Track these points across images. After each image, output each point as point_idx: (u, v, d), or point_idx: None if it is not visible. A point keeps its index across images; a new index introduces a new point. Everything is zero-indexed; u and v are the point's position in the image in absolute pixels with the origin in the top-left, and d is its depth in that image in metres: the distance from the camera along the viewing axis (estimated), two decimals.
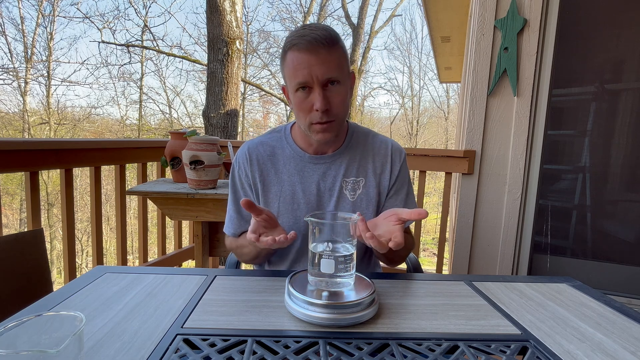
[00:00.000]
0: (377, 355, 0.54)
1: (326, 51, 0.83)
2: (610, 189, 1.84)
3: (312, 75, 0.83)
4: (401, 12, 23.44)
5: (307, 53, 0.82)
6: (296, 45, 0.83)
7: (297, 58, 0.83)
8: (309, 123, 0.88)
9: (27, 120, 11.11)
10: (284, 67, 0.87)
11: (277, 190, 0.97)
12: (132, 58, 12.32)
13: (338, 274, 0.65)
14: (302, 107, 0.87)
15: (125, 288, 0.72)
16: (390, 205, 1.00)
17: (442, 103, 16.62)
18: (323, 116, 0.85)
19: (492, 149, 1.86)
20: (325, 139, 0.89)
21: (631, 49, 1.76)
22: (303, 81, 0.83)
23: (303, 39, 0.82)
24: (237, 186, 1.00)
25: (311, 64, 0.82)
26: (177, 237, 2.50)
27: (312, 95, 0.85)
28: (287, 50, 0.85)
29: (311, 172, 0.97)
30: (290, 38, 0.85)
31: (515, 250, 1.87)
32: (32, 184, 1.57)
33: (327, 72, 0.83)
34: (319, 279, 0.66)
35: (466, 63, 2.89)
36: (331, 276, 0.65)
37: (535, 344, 0.58)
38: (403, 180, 1.02)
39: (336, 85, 0.86)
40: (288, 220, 0.96)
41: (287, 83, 0.89)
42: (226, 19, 4.19)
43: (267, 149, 0.99)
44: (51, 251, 9.58)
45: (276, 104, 15.08)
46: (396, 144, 1.04)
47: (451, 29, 4.39)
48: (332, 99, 0.86)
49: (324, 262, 0.65)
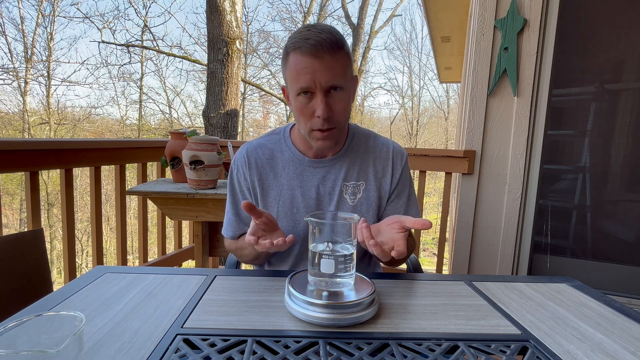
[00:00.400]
0: (377, 355, 0.54)
1: (331, 56, 0.80)
2: (610, 189, 1.84)
3: (315, 81, 0.80)
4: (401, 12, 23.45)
5: (311, 57, 0.79)
6: (300, 49, 0.80)
7: (300, 62, 0.80)
8: (309, 129, 0.86)
9: (27, 120, 11.11)
10: (286, 69, 0.85)
11: (276, 194, 0.95)
12: (132, 58, 12.33)
13: (338, 274, 0.65)
14: (303, 112, 0.84)
15: (125, 288, 0.72)
16: (392, 209, 0.99)
17: (442, 103, 16.64)
18: (324, 123, 0.83)
19: (492, 149, 1.86)
20: (325, 146, 0.88)
21: (631, 49, 1.76)
22: (305, 86, 0.81)
23: (307, 42, 0.79)
24: (235, 189, 0.99)
25: (315, 70, 0.79)
26: (177, 237, 2.50)
27: (314, 101, 0.82)
28: (289, 51, 0.82)
29: (311, 176, 0.95)
30: (294, 39, 0.81)
31: (515, 250, 1.87)
32: (32, 184, 1.57)
33: (331, 79, 0.81)
34: (319, 279, 0.66)
35: (466, 63, 2.89)
36: (331, 276, 0.65)
37: (535, 344, 0.58)
38: (405, 183, 1.01)
39: (339, 92, 0.84)
40: (287, 224, 0.95)
41: (288, 85, 0.87)
42: (226, 19, 4.19)
43: (266, 152, 0.97)
44: (51, 251, 9.58)
45: (276, 104, 15.09)
46: (398, 146, 1.02)
47: (451, 29, 4.39)
48: (334, 105, 0.84)
49: (324, 262, 0.64)
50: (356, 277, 0.72)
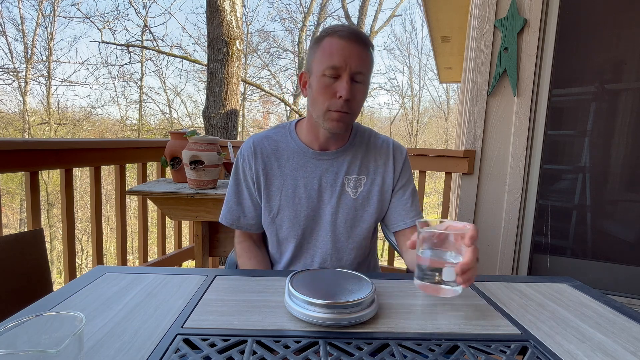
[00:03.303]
0: (377, 355, 0.53)
1: (364, 48, 0.87)
2: (610, 189, 1.84)
3: (346, 62, 0.85)
4: (401, 12, 23.46)
5: (348, 42, 0.85)
6: (338, 33, 0.86)
7: (336, 43, 0.85)
8: (326, 109, 0.88)
9: (27, 120, 11.11)
10: (317, 50, 0.88)
11: (279, 184, 0.97)
12: (132, 58, 12.33)
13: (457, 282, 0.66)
14: (325, 91, 0.87)
15: (125, 288, 0.72)
16: (398, 201, 1.01)
17: (442, 103, 16.63)
18: (344, 105, 0.87)
19: (492, 149, 1.86)
20: (338, 128, 0.90)
21: (631, 49, 1.76)
22: (337, 65, 0.85)
23: (345, 30, 0.86)
24: (240, 178, 1.01)
25: (349, 53, 0.85)
26: (177, 237, 2.50)
27: (339, 83, 0.86)
28: (325, 36, 0.88)
29: (314, 167, 0.97)
30: (330, 28, 0.88)
31: (515, 250, 1.87)
32: (32, 184, 1.57)
33: (360, 66, 0.86)
34: (443, 286, 0.67)
35: (466, 63, 2.89)
36: (452, 284, 0.66)
37: (535, 344, 0.58)
38: (407, 176, 1.03)
39: (361, 84, 0.88)
40: (289, 214, 0.97)
41: (313, 67, 0.89)
42: (226, 19, 4.19)
43: (272, 143, 0.99)
44: (51, 251, 9.58)
45: (276, 104, 15.09)
46: (397, 142, 1.05)
47: (451, 29, 4.39)
48: (355, 93, 0.88)
49: (446, 271, 0.66)
50: (356, 277, 0.72)
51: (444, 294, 0.68)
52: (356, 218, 0.99)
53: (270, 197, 0.98)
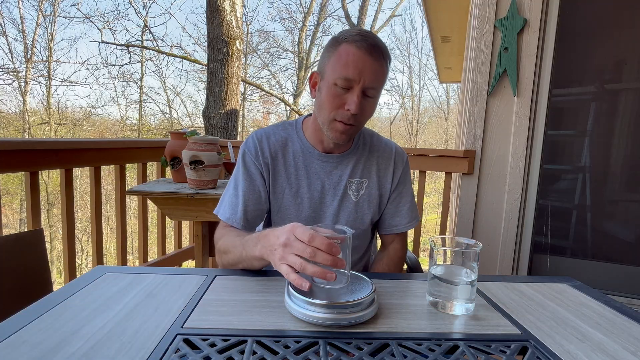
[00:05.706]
0: (377, 355, 0.53)
1: (381, 63, 0.85)
2: (610, 189, 1.84)
3: (360, 76, 0.83)
4: (401, 12, 23.47)
5: (366, 54, 0.82)
6: (357, 42, 0.83)
7: (354, 53, 0.82)
8: (332, 118, 0.87)
9: (27, 120, 11.10)
10: (333, 55, 0.86)
11: (283, 182, 0.97)
12: (132, 58, 12.32)
13: (471, 298, 0.67)
14: (333, 101, 0.86)
15: (125, 288, 0.72)
16: (393, 209, 1.02)
17: (442, 103, 16.63)
18: (351, 118, 0.86)
19: (492, 149, 1.86)
20: (341, 140, 0.90)
21: (631, 49, 1.76)
22: (351, 78, 0.83)
23: (366, 40, 0.83)
24: (246, 171, 0.96)
25: (365, 66, 0.82)
26: (177, 237, 2.50)
27: (349, 96, 0.84)
28: (343, 41, 0.84)
29: (318, 168, 0.97)
30: (350, 33, 0.85)
31: (515, 250, 1.87)
32: (32, 184, 1.57)
33: (374, 81, 0.85)
34: (455, 302, 0.67)
35: (466, 63, 2.89)
36: (467, 301, 0.66)
37: (535, 344, 0.58)
38: (405, 185, 1.03)
39: (371, 99, 0.87)
40: (290, 214, 0.97)
41: (326, 71, 0.87)
42: (226, 19, 4.19)
43: (279, 139, 0.98)
44: (51, 251, 9.57)
45: (276, 104, 15.09)
46: (400, 148, 1.05)
47: (451, 29, 4.39)
48: (364, 107, 0.86)
49: (462, 289, 0.65)
50: (356, 277, 0.72)
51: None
52: (356, 220, 0.99)
53: (275, 194, 0.97)
